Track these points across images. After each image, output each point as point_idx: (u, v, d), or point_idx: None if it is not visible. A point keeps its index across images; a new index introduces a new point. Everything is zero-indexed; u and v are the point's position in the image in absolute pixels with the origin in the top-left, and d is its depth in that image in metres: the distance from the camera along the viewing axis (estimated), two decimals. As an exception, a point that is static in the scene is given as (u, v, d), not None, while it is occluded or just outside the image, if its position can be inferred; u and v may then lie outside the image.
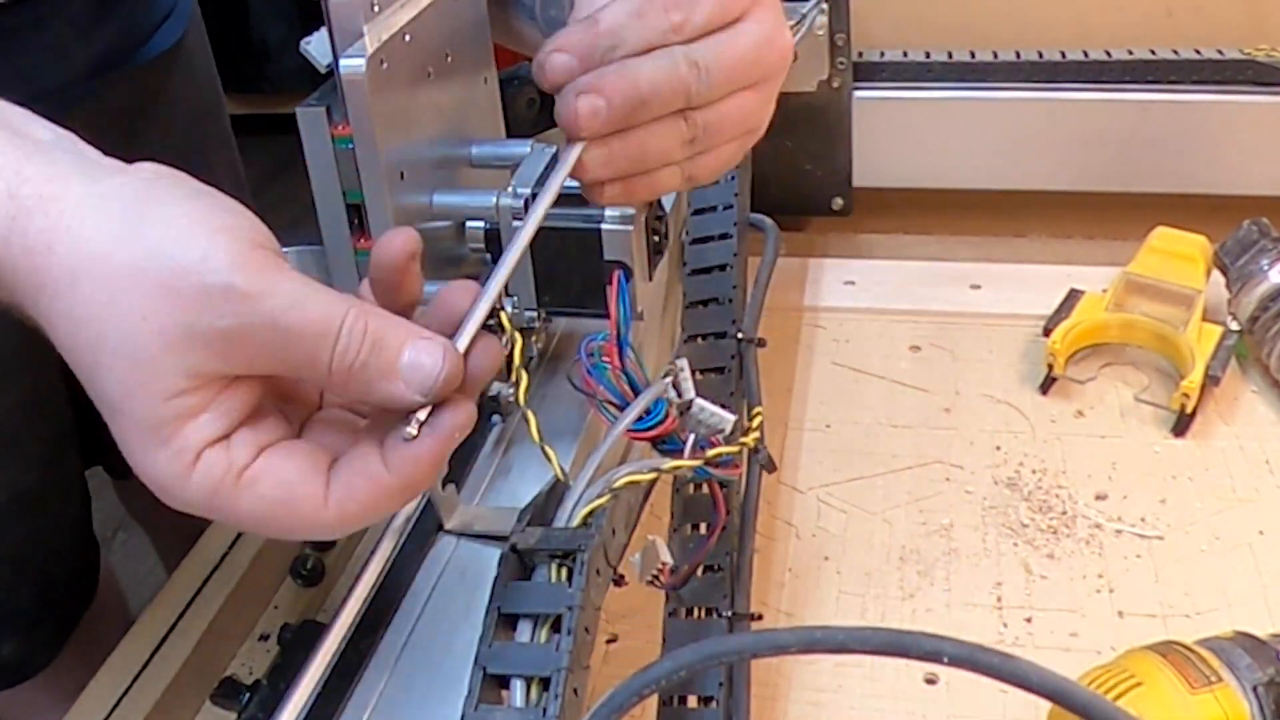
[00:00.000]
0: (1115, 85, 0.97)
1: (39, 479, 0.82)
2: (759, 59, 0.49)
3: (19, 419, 0.80)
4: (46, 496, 0.84)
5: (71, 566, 0.90)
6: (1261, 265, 0.81)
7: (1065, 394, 0.81)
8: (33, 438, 0.82)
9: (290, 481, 0.39)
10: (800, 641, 0.40)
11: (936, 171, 1.02)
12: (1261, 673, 0.52)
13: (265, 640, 0.70)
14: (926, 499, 0.74)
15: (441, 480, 0.56)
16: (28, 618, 0.86)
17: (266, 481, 0.39)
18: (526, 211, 0.55)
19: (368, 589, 0.54)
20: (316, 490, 0.39)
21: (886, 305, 0.92)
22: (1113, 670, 0.54)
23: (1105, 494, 0.73)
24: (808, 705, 0.61)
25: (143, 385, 0.37)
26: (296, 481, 0.39)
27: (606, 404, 0.52)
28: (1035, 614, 0.65)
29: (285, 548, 0.74)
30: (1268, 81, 0.95)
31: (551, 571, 0.46)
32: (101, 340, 0.37)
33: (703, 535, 0.59)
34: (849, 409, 0.82)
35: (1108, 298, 0.84)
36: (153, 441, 0.38)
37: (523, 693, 0.43)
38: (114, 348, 0.37)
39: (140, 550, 1.22)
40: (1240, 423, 0.78)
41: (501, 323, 0.54)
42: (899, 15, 1.06)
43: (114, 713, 0.64)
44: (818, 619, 0.66)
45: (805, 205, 1.04)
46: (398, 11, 0.49)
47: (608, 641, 0.65)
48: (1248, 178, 0.96)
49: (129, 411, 0.38)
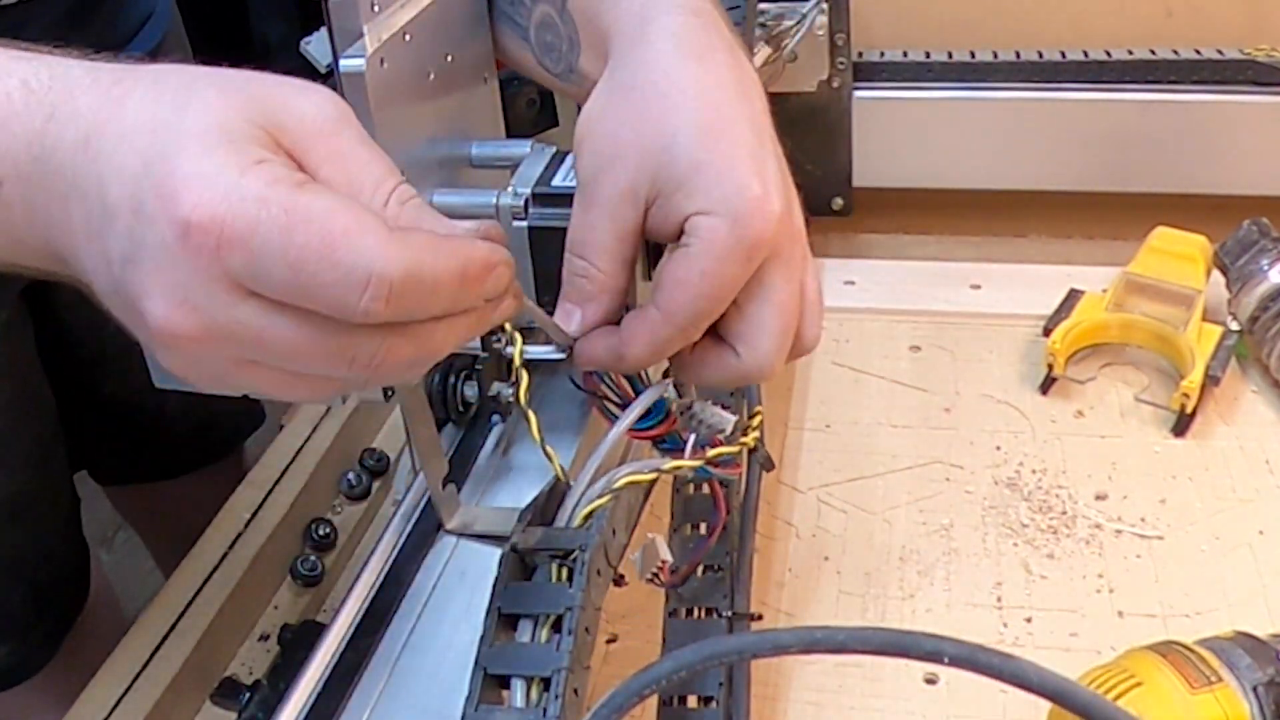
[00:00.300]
0: (1115, 85, 0.97)
1: (27, 484, 0.82)
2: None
3: (4, 424, 0.80)
4: (35, 501, 0.84)
5: (63, 570, 0.90)
6: (1261, 265, 0.81)
7: (1065, 394, 0.81)
8: (19, 443, 0.82)
9: (353, 203, 0.36)
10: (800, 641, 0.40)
11: (936, 171, 1.02)
12: (1261, 673, 0.52)
13: (265, 640, 0.70)
14: (926, 499, 0.74)
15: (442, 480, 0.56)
16: (21, 622, 0.86)
17: (328, 193, 0.36)
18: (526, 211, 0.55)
19: (368, 589, 0.54)
20: (379, 221, 0.35)
21: (886, 305, 0.92)
22: (1113, 670, 0.54)
23: (1105, 494, 0.73)
24: (808, 705, 0.61)
25: (214, 111, 0.36)
26: (360, 206, 0.36)
27: (607, 402, 0.52)
28: (1035, 614, 0.65)
29: (285, 548, 0.74)
30: (1268, 81, 0.95)
31: (552, 571, 0.46)
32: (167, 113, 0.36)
33: (703, 535, 0.59)
34: (849, 409, 0.82)
35: (1108, 298, 0.84)
36: (216, 141, 0.35)
37: (523, 693, 0.43)
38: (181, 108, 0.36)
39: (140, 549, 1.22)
40: (1240, 423, 0.78)
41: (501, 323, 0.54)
42: (899, 15, 1.06)
43: (114, 713, 0.64)
44: (818, 619, 0.66)
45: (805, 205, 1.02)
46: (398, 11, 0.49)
47: (608, 641, 0.65)
48: (1248, 178, 0.96)
49: (190, 125, 0.35)
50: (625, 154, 0.47)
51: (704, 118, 0.46)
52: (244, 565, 0.71)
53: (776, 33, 0.94)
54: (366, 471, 0.81)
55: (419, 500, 0.57)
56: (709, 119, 0.46)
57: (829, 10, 0.96)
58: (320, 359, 0.36)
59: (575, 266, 0.48)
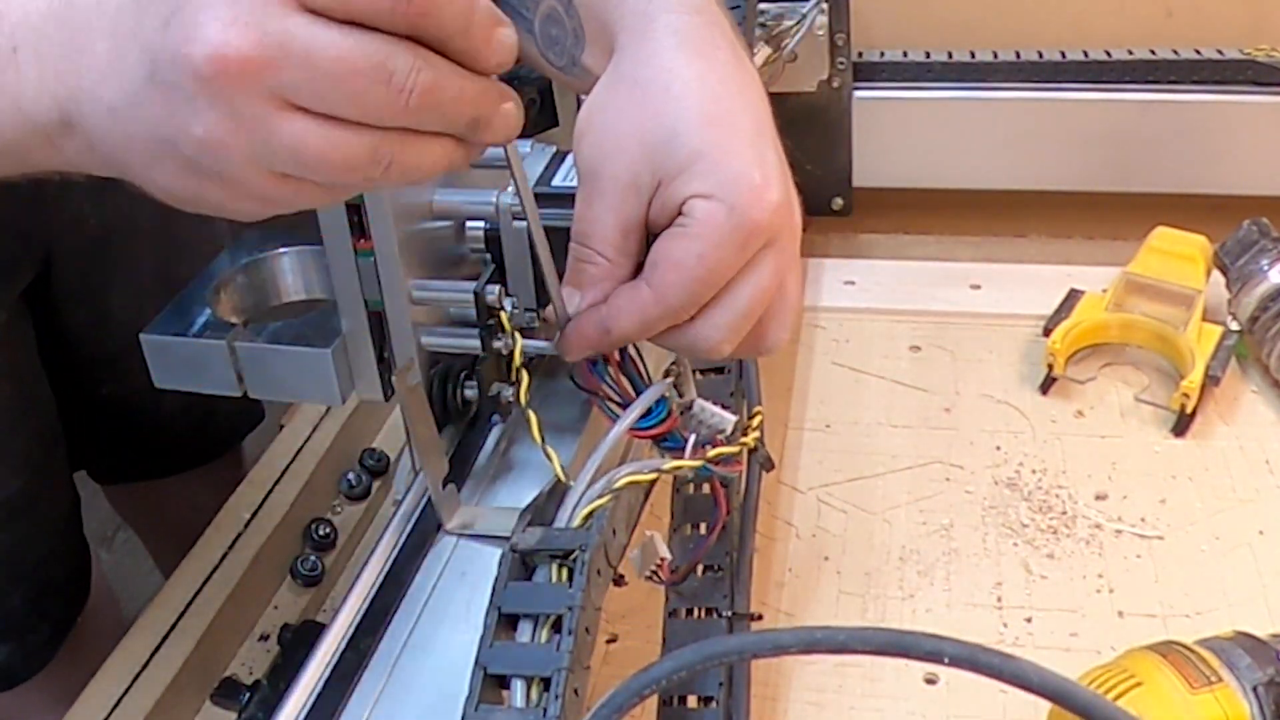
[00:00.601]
0: (1115, 85, 0.97)
1: (27, 484, 0.82)
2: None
3: (5, 424, 0.80)
4: (35, 501, 0.84)
5: (63, 570, 0.90)
6: (1261, 265, 0.81)
7: (1065, 394, 0.81)
8: (19, 443, 0.82)
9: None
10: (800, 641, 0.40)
11: (936, 171, 1.02)
12: (1261, 673, 0.52)
13: (265, 640, 0.70)
14: (926, 499, 0.74)
15: (442, 480, 0.56)
16: (21, 622, 0.86)
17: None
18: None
19: (368, 589, 0.54)
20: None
21: (886, 305, 0.92)
22: (1113, 670, 0.54)
23: (1105, 494, 0.73)
24: (808, 705, 0.61)
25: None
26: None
27: (608, 402, 0.52)
28: (1035, 614, 0.65)
29: (285, 548, 0.74)
30: (1268, 81, 0.95)
31: (552, 572, 0.46)
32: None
33: (703, 534, 0.59)
34: (849, 409, 0.82)
35: (1108, 298, 0.84)
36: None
37: (523, 693, 0.43)
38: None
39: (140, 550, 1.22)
40: (1240, 423, 0.78)
41: (501, 323, 0.54)
42: (899, 15, 1.06)
43: (114, 712, 0.64)
44: (818, 619, 0.66)
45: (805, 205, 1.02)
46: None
47: (608, 641, 0.65)
48: (1248, 178, 0.96)
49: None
50: (627, 145, 0.47)
51: (705, 109, 0.46)
52: (244, 565, 0.71)
53: (776, 33, 0.94)
54: (366, 471, 0.81)
55: (419, 500, 0.57)
56: (710, 110, 0.47)
57: (829, 10, 0.96)
58: (363, 78, 0.37)
59: (580, 254, 0.49)
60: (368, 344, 0.54)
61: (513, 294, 0.55)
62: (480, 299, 0.54)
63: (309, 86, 0.37)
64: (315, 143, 0.37)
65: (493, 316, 0.54)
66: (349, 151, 0.38)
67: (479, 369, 0.57)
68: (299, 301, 0.60)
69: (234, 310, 0.58)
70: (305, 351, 0.54)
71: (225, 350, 0.54)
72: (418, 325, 0.54)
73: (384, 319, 0.53)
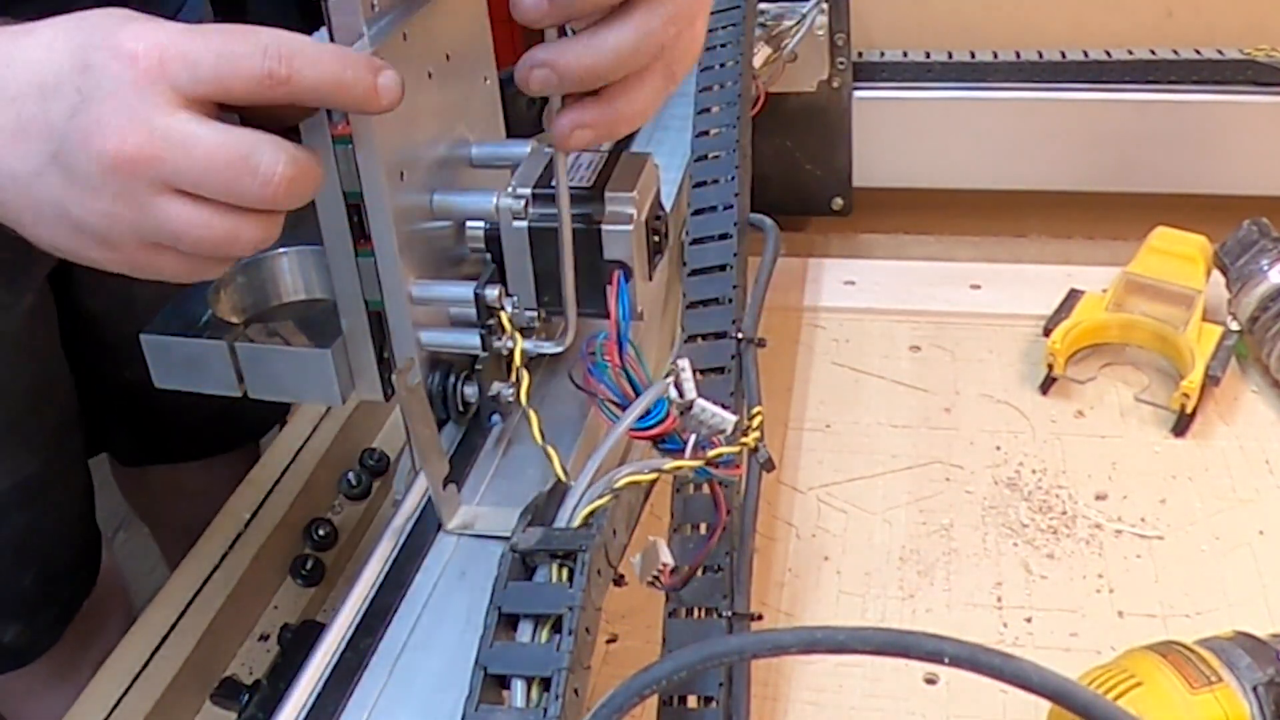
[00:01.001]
0: (1115, 85, 0.97)
1: (43, 467, 0.83)
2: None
3: (24, 406, 0.81)
4: (50, 484, 0.85)
5: (73, 553, 0.91)
6: (1261, 265, 0.81)
7: (1065, 394, 0.81)
8: (37, 425, 0.83)
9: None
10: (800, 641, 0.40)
11: (936, 171, 1.02)
12: (1261, 673, 0.52)
13: (265, 640, 0.70)
14: (926, 499, 0.74)
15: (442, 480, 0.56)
16: (30, 603, 0.87)
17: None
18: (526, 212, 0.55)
19: (368, 589, 0.54)
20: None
21: (886, 305, 0.92)
22: (1113, 670, 0.54)
23: (1105, 494, 0.73)
24: (808, 705, 0.61)
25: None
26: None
27: (608, 402, 0.52)
28: (1035, 614, 0.66)
29: (285, 547, 0.74)
30: (1268, 81, 0.95)
31: (552, 572, 0.46)
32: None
33: (703, 535, 0.59)
34: (849, 409, 0.82)
35: (1108, 298, 0.84)
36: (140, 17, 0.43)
37: (523, 693, 0.43)
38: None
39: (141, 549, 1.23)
40: (1240, 423, 0.78)
41: (501, 323, 0.54)
42: (899, 15, 1.06)
43: (114, 712, 0.64)
44: (818, 619, 0.66)
45: (805, 205, 1.04)
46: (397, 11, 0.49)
47: (608, 641, 0.65)
48: (1248, 178, 0.96)
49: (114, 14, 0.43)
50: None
51: None
52: (244, 565, 0.71)
53: (776, 33, 0.95)
54: (366, 471, 0.81)
55: (419, 500, 0.57)
56: None
57: (829, 10, 0.96)
58: (232, 169, 0.43)
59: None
60: (368, 344, 0.54)
61: (513, 294, 0.56)
62: (480, 299, 0.54)
63: (188, 176, 0.43)
64: (191, 222, 0.44)
65: (493, 316, 0.54)
66: (221, 230, 0.44)
67: (479, 369, 0.57)
68: (299, 301, 0.60)
69: (234, 310, 0.58)
70: (305, 351, 0.54)
71: (225, 350, 0.54)
72: (418, 325, 0.54)
73: (384, 319, 0.54)
